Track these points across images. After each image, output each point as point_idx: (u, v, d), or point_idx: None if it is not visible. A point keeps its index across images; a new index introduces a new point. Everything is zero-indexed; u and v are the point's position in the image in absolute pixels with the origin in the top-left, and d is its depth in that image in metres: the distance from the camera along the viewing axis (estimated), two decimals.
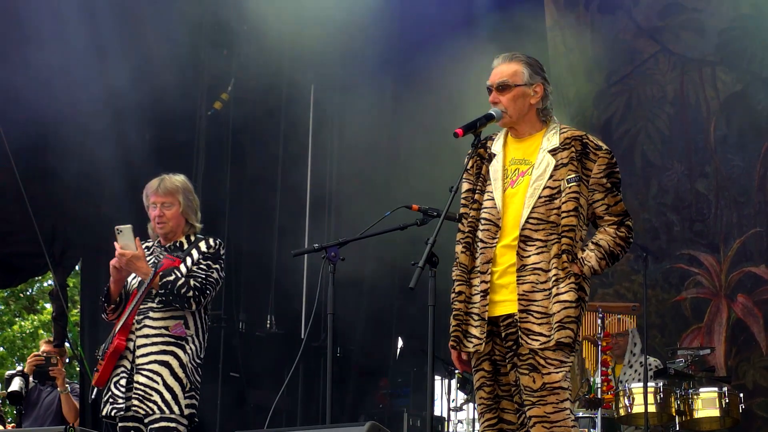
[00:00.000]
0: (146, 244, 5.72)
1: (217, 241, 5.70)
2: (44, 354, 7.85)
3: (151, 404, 5.38)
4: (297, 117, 10.60)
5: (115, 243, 5.52)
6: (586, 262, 4.51)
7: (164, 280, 5.48)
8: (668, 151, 10.21)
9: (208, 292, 5.54)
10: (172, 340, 5.48)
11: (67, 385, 7.91)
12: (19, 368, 7.82)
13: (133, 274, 5.60)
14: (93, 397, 5.57)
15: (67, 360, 8.76)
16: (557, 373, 4.41)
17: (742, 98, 9.92)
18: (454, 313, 4.60)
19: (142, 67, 9.20)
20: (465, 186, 4.72)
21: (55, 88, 8.67)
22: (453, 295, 4.64)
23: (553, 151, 4.58)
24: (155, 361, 5.43)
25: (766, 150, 9.78)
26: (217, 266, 5.63)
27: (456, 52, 9.76)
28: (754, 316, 9.62)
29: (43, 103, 8.64)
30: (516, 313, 4.48)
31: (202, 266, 5.60)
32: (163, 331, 5.49)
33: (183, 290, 5.46)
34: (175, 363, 5.43)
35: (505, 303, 4.53)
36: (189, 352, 5.49)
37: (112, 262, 5.56)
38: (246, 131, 10.17)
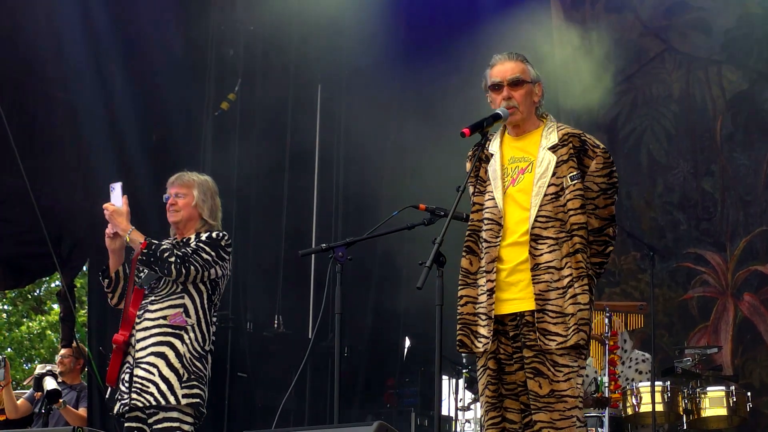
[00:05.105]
0: (166, 242, 5.69)
1: (221, 234, 5.61)
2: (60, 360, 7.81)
3: (147, 396, 5.35)
4: (304, 117, 10.60)
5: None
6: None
7: (150, 241, 5.46)
8: (674, 150, 10.20)
9: (193, 267, 5.42)
10: (170, 330, 5.44)
11: (61, 400, 7.80)
12: (48, 367, 7.76)
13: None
14: (107, 396, 5.56)
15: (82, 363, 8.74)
16: (565, 381, 4.41)
17: (748, 97, 9.91)
18: (458, 317, 4.61)
19: (148, 69, 9.22)
20: (471, 189, 4.73)
21: (59, 91, 8.70)
22: (459, 300, 4.66)
23: (553, 148, 4.59)
24: (152, 353, 5.41)
25: None
26: (213, 252, 5.51)
27: (462, 52, 9.76)
28: (761, 314, 9.60)
29: (49, 105, 8.67)
30: (524, 311, 4.48)
31: (192, 246, 5.54)
32: (161, 322, 5.45)
33: (165, 254, 5.40)
34: (171, 354, 5.39)
35: (514, 301, 4.53)
36: (187, 341, 5.42)
37: (107, 230, 5.59)
38: (252, 132, 10.18)
